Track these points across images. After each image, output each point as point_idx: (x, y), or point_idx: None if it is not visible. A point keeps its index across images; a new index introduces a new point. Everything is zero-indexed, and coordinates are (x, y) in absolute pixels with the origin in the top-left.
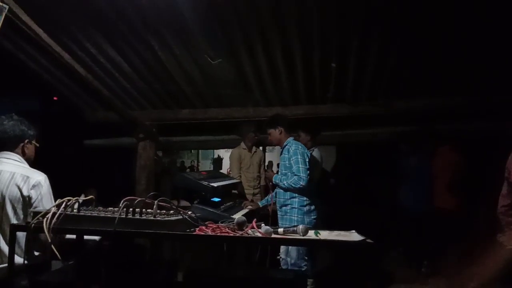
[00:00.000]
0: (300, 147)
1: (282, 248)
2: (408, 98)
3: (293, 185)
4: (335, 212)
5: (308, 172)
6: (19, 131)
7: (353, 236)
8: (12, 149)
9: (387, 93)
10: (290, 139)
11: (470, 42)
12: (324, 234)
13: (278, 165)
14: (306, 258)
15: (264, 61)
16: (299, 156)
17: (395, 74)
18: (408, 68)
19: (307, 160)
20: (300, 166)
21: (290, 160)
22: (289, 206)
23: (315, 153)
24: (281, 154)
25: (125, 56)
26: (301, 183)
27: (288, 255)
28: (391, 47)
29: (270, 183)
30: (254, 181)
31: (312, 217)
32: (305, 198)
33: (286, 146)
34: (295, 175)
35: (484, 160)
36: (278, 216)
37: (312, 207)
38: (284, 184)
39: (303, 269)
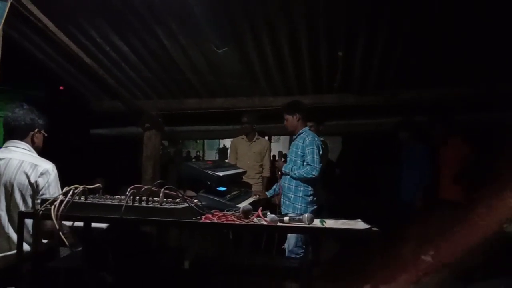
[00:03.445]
0: (316, 138)
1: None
2: (414, 89)
3: (305, 174)
4: (340, 202)
5: (321, 164)
6: (29, 120)
7: (359, 224)
8: (21, 138)
9: (393, 83)
10: (306, 128)
11: (478, 32)
12: (330, 223)
13: (284, 155)
14: (304, 246)
15: (270, 50)
16: (314, 147)
17: (401, 64)
18: (415, 58)
19: (320, 152)
20: (315, 156)
21: (305, 149)
22: (294, 194)
23: (323, 143)
24: (293, 140)
25: (131, 46)
26: (313, 173)
27: (286, 242)
28: (398, 37)
29: (279, 173)
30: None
31: (314, 206)
32: (310, 188)
33: (302, 135)
34: (309, 164)
35: (489, 151)
36: (281, 201)
37: (315, 198)
38: (295, 173)
39: (299, 256)
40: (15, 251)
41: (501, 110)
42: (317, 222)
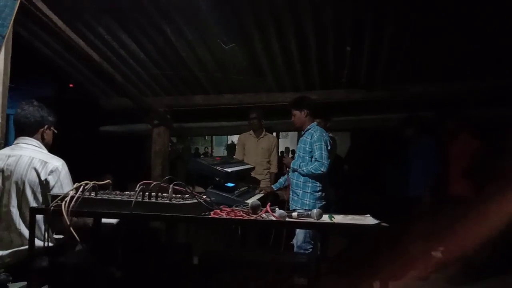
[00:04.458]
0: (324, 134)
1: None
2: (421, 83)
3: (313, 171)
4: (348, 198)
5: (329, 160)
6: (39, 117)
7: (368, 220)
8: (31, 135)
9: (401, 78)
10: (314, 124)
11: (485, 26)
12: (339, 218)
13: (292, 151)
14: (312, 242)
15: (277, 45)
16: (322, 143)
17: (409, 59)
18: (422, 53)
19: (328, 148)
20: (323, 152)
21: (313, 145)
22: (302, 190)
23: (332, 139)
24: (301, 136)
25: (138, 42)
26: (322, 169)
27: (295, 238)
28: (404, 31)
29: (287, 169)
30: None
31: (323, 202)
32: (318, 184)
33: (310, 130)
34: (317, 161)
35: (497, 146)
36: (290, 197)
37: (323, 194)
38: (303, 170)
39: (308, 251)
40: (26, 247)
41: (509, 105)
42: (325, 218)
